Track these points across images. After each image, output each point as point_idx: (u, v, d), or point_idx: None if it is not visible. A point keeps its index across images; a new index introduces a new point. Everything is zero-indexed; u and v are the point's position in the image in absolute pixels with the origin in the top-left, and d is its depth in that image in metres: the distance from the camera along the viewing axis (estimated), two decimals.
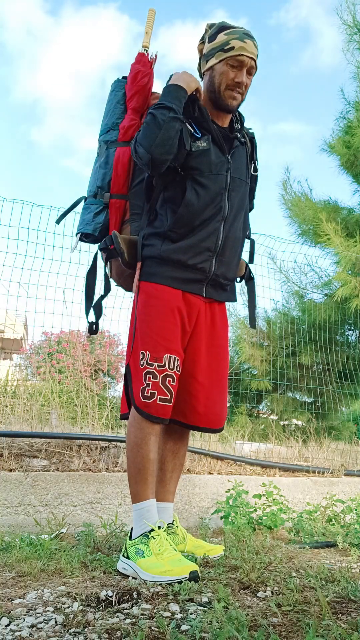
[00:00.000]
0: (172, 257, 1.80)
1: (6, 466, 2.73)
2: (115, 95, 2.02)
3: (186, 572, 1.48)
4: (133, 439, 1.74)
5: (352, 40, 6.66)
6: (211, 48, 1.85)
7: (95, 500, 2.70)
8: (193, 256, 1.81)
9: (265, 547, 2.00)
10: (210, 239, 1.82)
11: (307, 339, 5.28)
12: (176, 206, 1.80)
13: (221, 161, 1.85)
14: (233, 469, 3.28)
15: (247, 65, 1.81)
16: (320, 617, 1.15)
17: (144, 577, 1.53)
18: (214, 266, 1.85)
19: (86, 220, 1.96)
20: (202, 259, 1.82)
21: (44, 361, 8.77)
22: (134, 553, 1.63)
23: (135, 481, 1.73)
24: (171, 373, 1.74)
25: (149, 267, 1.84)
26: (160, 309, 1.77)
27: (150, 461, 1.72)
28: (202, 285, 1.86)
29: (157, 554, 1.59)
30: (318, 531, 2.59)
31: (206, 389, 1.87)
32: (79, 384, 5.23)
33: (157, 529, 1.65)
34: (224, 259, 1.87)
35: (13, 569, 1.73)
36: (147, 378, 1.72)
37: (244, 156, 1.96)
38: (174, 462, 1.94)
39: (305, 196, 6.93)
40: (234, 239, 1.89)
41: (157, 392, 1.71)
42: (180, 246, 1.80)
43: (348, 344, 6.10)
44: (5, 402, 3.91)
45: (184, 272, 1.82)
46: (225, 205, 1.84)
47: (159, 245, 1.82)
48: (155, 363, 1.73)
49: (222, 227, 1.84)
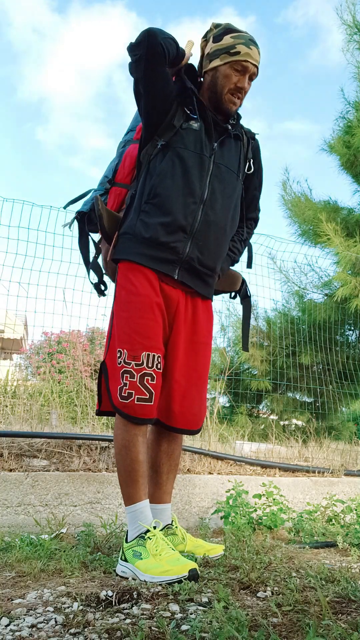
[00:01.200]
0: (143, 234, 1.78)
1: (6, 466, 2.73)
2: None
3: (185, 571, 1.47)
4: (120, 441, 1.71)
5: (352, 40, 6.66)
6: (216, 49, 1.84)
7: (95, 500, 2.70)
8: (166, 234, 1.77)
9: (265, 547, 2.00)
10: (186, 219, 1.78)
11: (307, 339, 5.28)
12: (154, 176, 1.82)
13: (207, 144, 1.84)
14: (233, 469, 3.28)
15: (250, 71, 1.83)
16: (320, 617, 1.15)
17: (144, 579, 1.52)
18: (188, 249, 1.79)
19: (85, 202, 2.05)
20: (175, 238, 1.78)
21: (44, 361, 8.78)
22: (132, 555, 1.62)
23: (126, 484, 1.71)
24: (150, 372, 1.69)
25: (122, 243, 1.84)
26: (140, 304, 1.74)
27: (139, 462, 1.69)
28: (175, 267, 1.79)
29: (155, 554, 1.58)
30: (318, 531, 2.59)
31: (183, 388, 1.82)
32: (79, 384, 5.23)
33: (152, 529, 1.64)
34: (200, 243, 1.81)
35: (13, 569, 1.73)
36: (125, 377, 1.69)
37: (235, 150, 1.94)
38: (169, 463, 1.92)
39: (305, 196, 6.93)
40: (214, 225, 1.83)
41: (134, 391, 1.67)
42: (153, 222, 1.78)
43: (348, 344, 6.10)
44: (5, 402, 3.91)
45: (156, 251, 1.77)
46: (204, 188, 1.81)
47: (135, 220, 1.82)
48: (132, 362, 1.69)
49: (199, 210, 1.80)
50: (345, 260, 5.58)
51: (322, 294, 6.43)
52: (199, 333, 1.88)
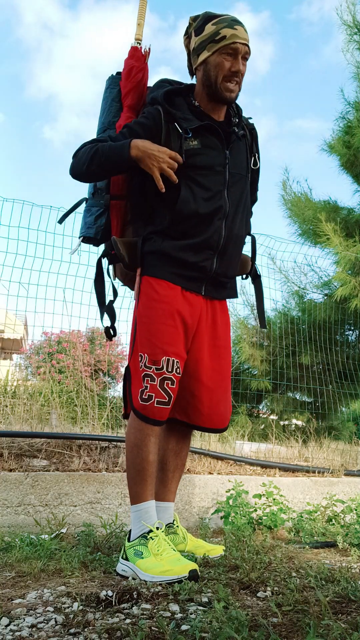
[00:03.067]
0: (173, 254, 1.78)
1: (6, 466, 2.73)
2: (110, 93, 1.97)
3: (186, 571, 1.47)
4: (132, 441, 1.73)
5: (352, 40, 6.65)
6: (201, 41, 1.77)
7: (95, 500, 2.70)
8: (194, 254, 1.78)
9: (265, 547, 2.00)
10: (213, 237, 1.79)
11: (307, 339, 5.27)
12: (173, 204, 1.77)
13: (219, 157, 1.80)
14: (233, 469, 3.28)
15: (241, 52, 1.73)
16: (320, 617, 1.15)
17: (144, 578, 1.53)
18: (215, 264, 1.82)
19: (88, 224, 1.94)
20: (203, 257, 1.79)
21: (44, 361, 8.78)
22: (133, 554, 1.62)
23: (134, 482, 1.72)
24: (169, 376, 1.72)
25: (149, 261, 1.82)
26: (160, 312, 1.75)
27: (149, 463, 1.71)
28: (201, 284, 1.83)
29: (156, 554, 1.58)
30: (318, 531, 2.59)
31: (210, 390, 1.86)
32: (79, 384, 5.23)
33: (155, 529, 1.65)
34: (226, 257, 1.84)
35: (13, 569, 1.73)
36: (145, 380, 1.71)
37: (244, 150, 1.90)
38: (176, 462, 1.93)
39: (305, 196, 6.93)
40: (235, 236, 1.85)
41: (154, 394, 1.70)
42: (181, 244, 1.78)
43: (348, 344, 6.10)
44: (5, 402, 3.91)
45: (184, 270, 1.79)
46: (225, 203, 1.80)
47: (160, 242, 1.80)
48: (153, 366, 1.71)
49: (223, 225, 1.80)
50: (344, 260, 5.58)
51: (322, 294, 6.42)
52: (219, 337, 1.90)
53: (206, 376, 1.85)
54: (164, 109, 1.77)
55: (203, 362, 1.84)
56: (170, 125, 1.77)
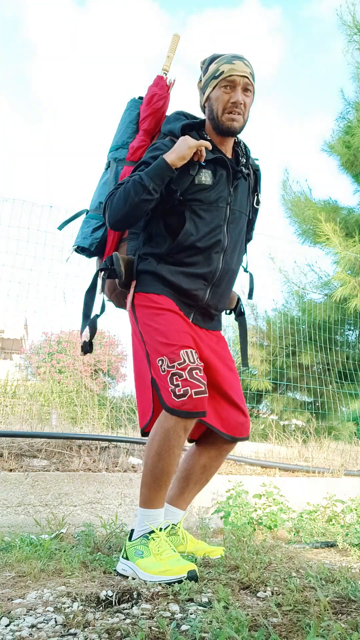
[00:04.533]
0: (167, 277, 1.81)
1: (6, 466, 2.73)
2: (129, 114, 2.05)
3: (184, 572, 1.48)
4: (156, 449, 1.69)
5: (352, 40, 6.66)
6: (205, 80, 1.87)
7: (95, 500, 2.70)
8: (188, 282, 1.82)
9: (265, 547, 2.00)
10: (208, 268, 1.83)
11: (307, 339, 5.28)
12: (174, 234, 1.81)
13: (223, 194, 1.85)
14: (233, 469, 3.28)
15: (239, 83, 1.79)
16: (320, 617, 1.15)
17: (143, 577, 1.53)
18: (208, 296, 1.86)
19: (84, 234, 1.97)
20: (197, 286, 1.83)
21: (44, 361, 8.78)
22: (133, 554, 1.63)
23: (148, 488, 1.71)
24: (194, 365, 1.70)
25: (143, 280, 1.85)
26: (166, 315, 1.77)
27: (168, 475, 1.69)
28: (191, 311, 1.86)
29: (156, 554, 1.58)
30: (318, 531, 2.59)
31: (237, 399, 1.88)
32: (79, 384, 5.23)
33: (157, 531, 1.65)
34: (219, 290, 1.88)
35: (13, 569, 1.73)
36: (174, 379, 1.69)
37: (246, 189, 1.96)
38: (201, 477, 1.92)
39: (305, 196, 6.94)
40: (231, 271, 1.91)
41: (189, 387, 1.66)
42: (176, 270, 1.82)
43: (348, 344, 6.10)
44: (5, 402, 3.92)
45: (176, 293, 1.83)
46: (224, 238, 1.85)
47: (155, 264, 1.83)
48: (175, 363, 1.70)
49: (220, 259, 1.85)
50: (344, 260, 5.59)
51: (322, 294, 6.43)
52: (224, 357, 1.92)
53: (226, 385, 1.87)
54: None
55: (219, 372, 1.86)
56: None
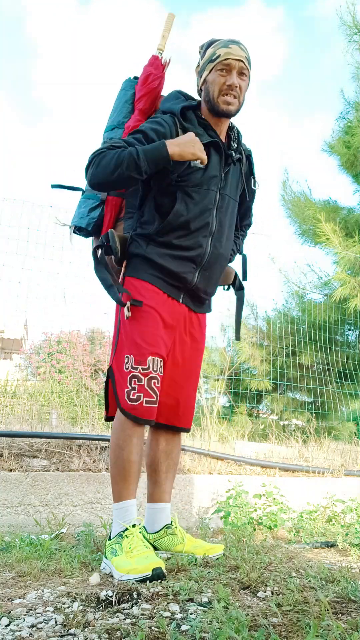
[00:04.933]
0: (155, 259, 1.83)
1: (6, 466, 2.73)
2: (125, 94, 2.05)
3: (149, 570, 1.50)
4: (115, 441, 1.76)
5: (352, 40, 6.66)
6: (202, 63, 1.89)
7: (95, 500, 2.70)
8: (177, 265, 1.84)
9: (265, 547, 2.00)
10: (196, 252, 1.85)
11: (307, 339, 5.28)
12: (165, 213, 1.83)
13: (215, 177, 1.87)
14: (233, 469, 3.28)
15: (235, 67, 1.82)
16: (320, 617, 1.15)
17: (115, 576, 1.56)
18: (197, 279, 1.87)
19: (81, 214, 1.99)
20: (186, 269, 1.85)
21: (44, 361, 8.77)
22: (110, 552, 1.67)
23: (115, 481, 1.76)
24: (155, 375, 1.76)
25: (134, 264, 1.87)
26: (145, 314, 1.79)
27: (131, 463, 1.73)
28: (180, 292, 1.88)
29: (127, 552, 1.61)
30: (318, 531, 2.59)
31: (186, 392, 1.94)
32: (79, 384, 5.24)
33: (131, 528, 1.67)
34: (207, 273, 1.90)
35: (13, 569, 1.73)
36: (133, 382, 1.74)
37: (237, 174, 1.98)
38: (168, 463, 1.96)
39: (305, 196, 6.94)
40: (220, 256, 1.92)
41: (143, 394, 1.73)
42: (165, 253, 1.83)
43: (348, 344, 6.10)
44: (5, 402, 3.92)
45: (165, 276, 1.84)
46: (213, 221, 1.86)
47: (144, 247, 1.85)
48: (139, 366, 1.75)
49: (209, 242, 1.87)
50: (344, 260, 5.59)
51: (322, 294, 6.43)
52: (196, 340, 1.97)
53: (182, 378, 1.92)
54: (180, 122, 1.85)
55: (178, 365, 1.91)
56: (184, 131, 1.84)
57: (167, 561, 1.70)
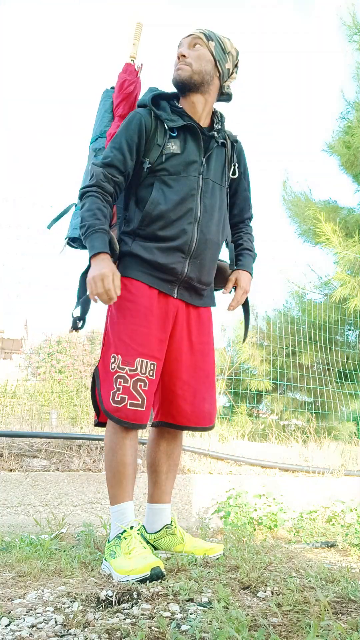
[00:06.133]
0: (142, 255, 1.80)
1: (6, 466, 2.73)
2: (104, 104, 2.08)
3: (147, 570, 1.49)
4: (109, 444, 1.74)
5: (352, 40, 6.66)
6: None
7: (95, 500, 2.70)
8: (164, 257, 1.80)
9: (265, 547, 2.00)
10: (182, 239, 1.81)
11: (307, 339, 5.28)
12: (143, 205, 1.82)
13: (194, 163, 1.85)
14: (233, 469, 3.28)
15: (185, 43, 1.88)
16: (320, 617, 1.15)
17: (114, 577, 1.55)
18: (187, 269, 1.83)
19: (74, 225, 1.96)
20: (174, 260, 1.81)
21: (44, 361, 8.77)
22: (109, 554, 1.66)
23: (111, 484, 1.74)
24: (143, 377, 1.71)
25: (123, 263, 1.84)
26: (135, 312, 1.76)
27: (125, 465, 1.71)
28: (173, 287, 1.84)
29: (126, 553, 1.60)
30: (318, 531, 2.60)
31: (192, 388, 1.86)
32: (79, 384, 5.24)
33: (129, 529, 1.66)
34: (197, 261, 1.85)
35: (13, 569, 1.73)
36: (118, 382, 1.70)
37: (221, 158, 1.95)
38: (168, 463, 1.93)
39: (305, 196, 6.94)
40: (210, 242, 1.87)
41: (127, 396, 1.69)
42: (150, 246, 1.81)
43: (348, 344, 6.10)
44: (5, 402, 3.92)
45: (155, 271, 1.81)
46: (197, 207, 1.83)
47: (130, 243, 1.83)
48: (126, 367, 1.71)
49: (195, 229, 1.83)
50: (344, 260, 5.59)
51: (322, 294, 6.43)
52: (200, 334, 1.91)
53: (186, 374, 1.85)
54: (153, 110, 1.86)
55: (181, 361, 1.85)
56: (158, 125, 1.85)
57: (167, 561, 1.70)
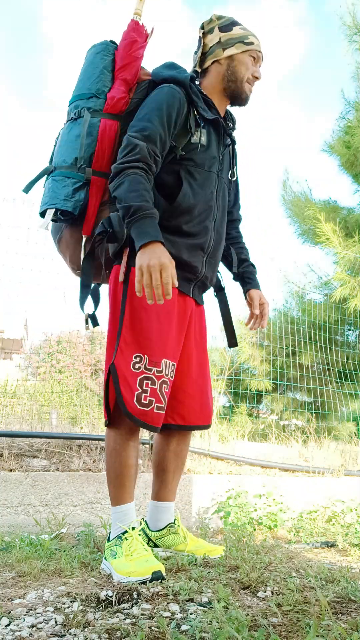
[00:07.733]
0: (169, 249, 1.63)
1: (6, 466, 2.73)
2: (103, 60, 1.80)
3: (149, 573, 1.48)
4: (112, 445, 1.69)
5: (353, 41, 6.65)
6: (229, 37, 1.81)
7: (95, 500, 2.70)
8: (189, 254, 1.73)
9: (265, 547, 2.00)
10: (204, 237, 1.76)
11: (307, 339, 5.28)
12: (169, 195, 1.69)
13: (214, 159, 1.80)
14: (233, 469, 3.28)
15: (261, 62, 1.87)
16: (320, 617, 1.15)
17: (115, 578, 1.54)
18: (205, 268, 1.79)
19: (64, 195, 1.71)
20: (196, 258, 1.75)
21: (44, 361, 8.77)
22: (109, 554, 1.65)
23: (113, 485, 1.71)
24: (167, 379, 1.66)
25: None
26: (160, 310, 1.67)
27: (128, 467, 1.68)
28: (190, 285, 1.79)
29: (127, 554, 1.59)
30: (318, 531, 2.59)
31: (199, 385, 1.86)
32: (79, 384, 5.24)
33: (130, 530, 1.65)
34: (212, 260, 1.82)
35: (13, 569, 1.73)
36: (145, 384, 1.60)
37: (229, 159, 1.93)
38: (176, 463, 1.93)
39: (305, 196, 6.94)
40: (221, 240, 1.86)
41: (154, 399, 1.61)
42: (176, 240, 1.70)
43: (348, 344, 6.10)
44: (5, 402, 3.92)
45: (178, 269, 1.66)
46: (214, 205, 1.80)
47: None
48: (153, 368, 1.62)
49: (212, 227, 1.79)
50: (344, 260, 5.59)
51: (322, 294, 6.43)
52: (202, 331, 1.92)
53: (195, 372, 1.86)
54: (187, 93, 1.73)
55: (192, 361, 1.84)
56: (191, 110, 1.73)
57: (167, 561, 1.70)
